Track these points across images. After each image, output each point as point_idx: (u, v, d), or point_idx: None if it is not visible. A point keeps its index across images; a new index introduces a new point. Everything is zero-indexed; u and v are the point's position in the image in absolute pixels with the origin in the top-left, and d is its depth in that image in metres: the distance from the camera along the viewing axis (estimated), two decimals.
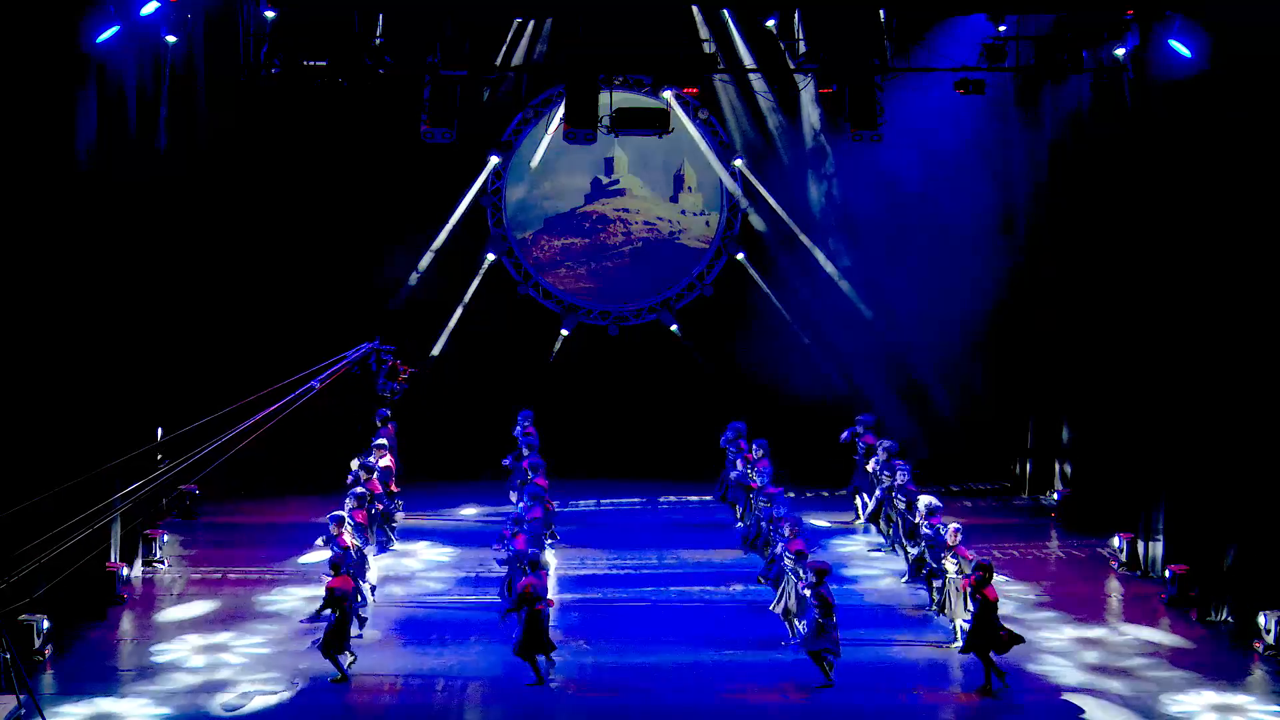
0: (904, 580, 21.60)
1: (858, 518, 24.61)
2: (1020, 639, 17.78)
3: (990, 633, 17.59)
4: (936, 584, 19.94)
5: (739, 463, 24.03)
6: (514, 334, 28.31)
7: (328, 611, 17.73)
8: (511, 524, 20.15)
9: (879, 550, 23.24)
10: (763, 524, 22.11)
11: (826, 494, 25.72)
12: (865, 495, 24.38)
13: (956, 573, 19.10)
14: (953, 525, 19.79)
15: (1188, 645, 19.32)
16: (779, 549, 20.09)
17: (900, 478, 22.37)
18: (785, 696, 17.54)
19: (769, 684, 17.89)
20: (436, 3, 23.44)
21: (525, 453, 23.92)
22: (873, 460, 23.68)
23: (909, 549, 21.65)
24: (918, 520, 20.77)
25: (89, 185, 20.72)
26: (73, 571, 17.40)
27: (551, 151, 27.90)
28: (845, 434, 24.63)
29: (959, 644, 18.66)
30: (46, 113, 19.59)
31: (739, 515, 24.25)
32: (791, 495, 23.67)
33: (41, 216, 19.41)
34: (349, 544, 19.41)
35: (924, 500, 20.80)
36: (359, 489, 21.50)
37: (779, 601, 19.58)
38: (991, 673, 17.58)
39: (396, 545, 23.14)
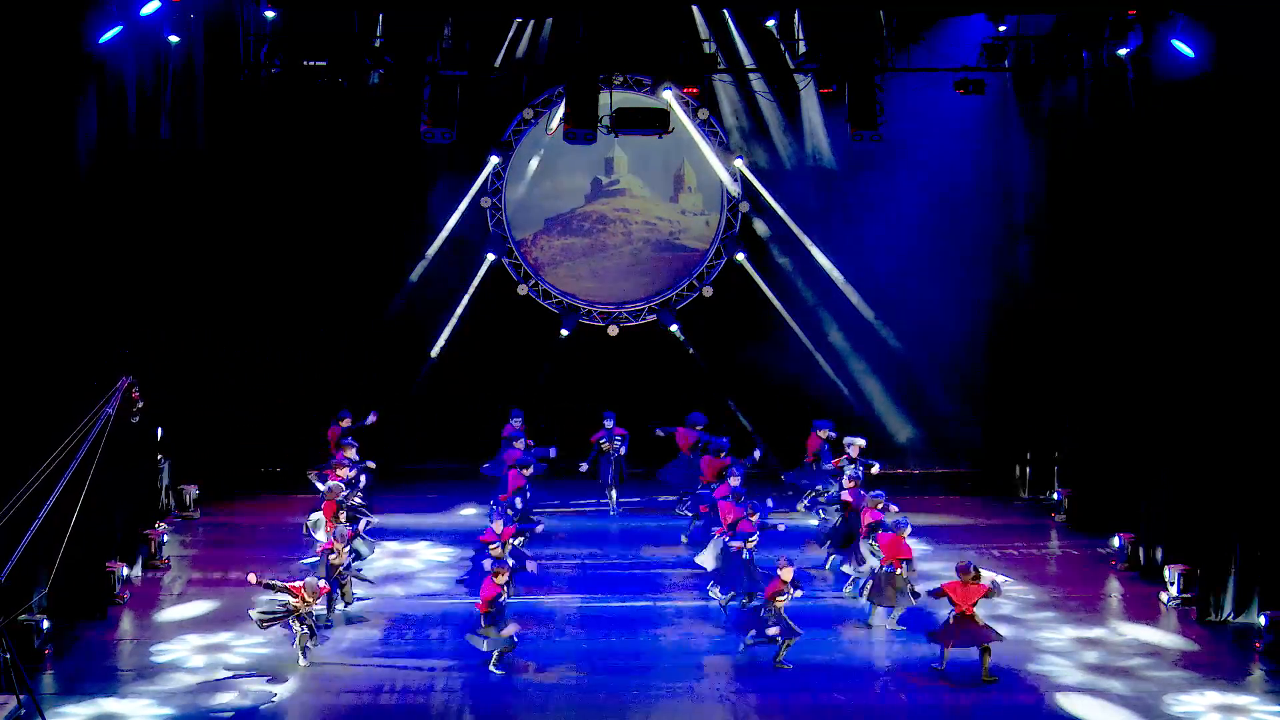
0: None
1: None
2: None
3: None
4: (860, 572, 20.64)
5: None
6: (514, 334, 28.29)
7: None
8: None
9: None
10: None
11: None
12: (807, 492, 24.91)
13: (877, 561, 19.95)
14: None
15: (1188, 645, 19.33)
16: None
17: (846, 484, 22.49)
18: (787, 696, 17.58)
19: (768, 682, 17.93)
20: (436, 3, 23.44)
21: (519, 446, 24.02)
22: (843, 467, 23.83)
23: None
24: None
25: (89, 185, 20.71)
26: (61, 563, 17.38)
27: (551, 151, 27.90)
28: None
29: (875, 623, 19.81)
30: (48, 112, 19.59)
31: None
32: (790, 495, 23.63)
33: (42, 216, 19.41)
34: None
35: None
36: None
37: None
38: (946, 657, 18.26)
39: (395, 546, 23.31)
